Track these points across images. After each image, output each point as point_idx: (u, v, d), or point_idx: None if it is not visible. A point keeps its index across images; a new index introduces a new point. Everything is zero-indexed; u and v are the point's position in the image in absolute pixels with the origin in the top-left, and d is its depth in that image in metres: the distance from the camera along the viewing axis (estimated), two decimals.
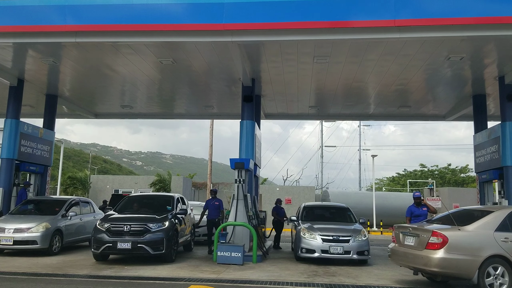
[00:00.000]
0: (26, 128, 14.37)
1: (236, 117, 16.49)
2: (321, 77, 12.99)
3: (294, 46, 10.60)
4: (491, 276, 7.30)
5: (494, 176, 13.11)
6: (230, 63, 11.68)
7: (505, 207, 8.80)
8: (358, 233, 11.13)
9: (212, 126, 32.25)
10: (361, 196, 32.37)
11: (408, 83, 13.33)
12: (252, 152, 13.06)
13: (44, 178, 15.60)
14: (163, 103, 17.10)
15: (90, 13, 9.41)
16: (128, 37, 9.63)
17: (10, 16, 9.60)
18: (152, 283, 7.97)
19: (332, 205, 15.03)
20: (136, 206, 11.76)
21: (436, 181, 42.36)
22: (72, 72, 13.05)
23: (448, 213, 8.54)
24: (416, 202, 10.87)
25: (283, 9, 9.10)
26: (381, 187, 54.75)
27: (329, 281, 8.61)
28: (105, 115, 19.16)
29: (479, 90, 13.96)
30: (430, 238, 7.55)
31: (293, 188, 35.52)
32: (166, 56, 11.35)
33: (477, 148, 14.33)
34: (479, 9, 8.73)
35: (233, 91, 14.68)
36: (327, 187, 44.00)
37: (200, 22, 9.30)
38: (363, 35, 9.17)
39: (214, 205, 12.76)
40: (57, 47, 10.85)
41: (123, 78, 13.64)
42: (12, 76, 13.46)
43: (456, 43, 10.00)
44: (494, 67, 11.69)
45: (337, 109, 16.99)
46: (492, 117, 15.92)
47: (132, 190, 32.88)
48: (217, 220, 12.53)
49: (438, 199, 28.54)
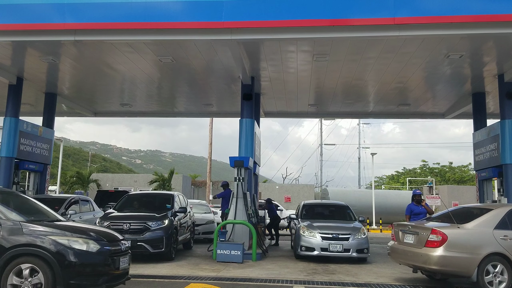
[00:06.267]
0: (26, 127, 14.35)
1: (235, 115, 16.49)
2: (320, 75, 12.99)
3: (294, 44, 10.60)
4: (490, 274, 7.31)
5: (493, 174, 13.12)
6: (230, 61, 11.67)
7: (504, 205, 8.82)
8: (357, 231, 11.14)
9: (211, 124, 32.27)
10: (360, 194, 32.39)
11: (407, 81, 13.33)
12: (251, 150, 13.06)
13: (44, 176, 15.59)
14: (162, 101, 17.09)
15: (89, 11, 9.39)
16: (127, 35, 9.61)
17: (9, 14, 9.57)
18: (151, 281, 7.97)
19: (331, 203, 15.08)
20: (135, 204, 11.77)
21: (435, 179, 42.42)
22: (71, 70, 13.03)
23: (447, 211, 8.56)
24: (416, 200, 10.88)
25: (283, 7, 9.08)
26: (380, 185, 54.82)
27: (328, 279, 8.63)
28: (104, 113, 19.15)
29: (478, 88, 13.96)
30: (429, 236, 7.56)
31: (292, 186, 35.55)
32: (165, 54, 11.34)
33: (477, 146, 14.34)
34: (478, 7, 8.72)
35: (232, 89, 14.68)
36: (326, 185, 44.04)
37: (199, 20, 9.28)
38: (362, 33, 9.17)
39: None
40: (56, 45, 10.83)
41: (122, 77, 13.63)
42: (11, 74, 13.43)
43: (455, 41, 10.01)
44: (494, 65, 11.69)
45: (337, 107, 16.99)
46: (492, 115, 15.91)
47: (132, 188, 32.87)
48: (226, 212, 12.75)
49: (438, 197, 28.59)
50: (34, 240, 5.72)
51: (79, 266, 5.73)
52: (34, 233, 5.80)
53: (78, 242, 5.85)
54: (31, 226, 5.89)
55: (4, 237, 5.73)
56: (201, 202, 19.08)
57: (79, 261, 5.73)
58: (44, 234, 5.80)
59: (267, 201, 16.50)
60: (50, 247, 5.68)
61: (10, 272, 5.61)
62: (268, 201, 16.46)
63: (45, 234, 5.80)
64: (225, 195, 14.04)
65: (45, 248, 5.66)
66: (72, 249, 5.74)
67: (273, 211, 16.05)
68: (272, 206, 16.27)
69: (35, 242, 5.70)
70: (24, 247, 5.68)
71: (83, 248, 5.83)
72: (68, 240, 5.82)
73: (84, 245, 5.86)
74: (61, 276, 5.59)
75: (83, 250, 5.82)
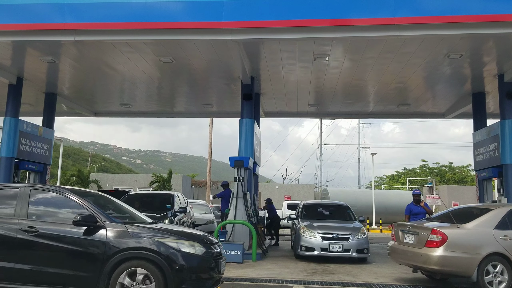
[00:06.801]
0: (26, 127, 14.35)
1: (235, 115, 16.49)
2: (320, 75, 12.99)
3: (294, 44, 10.60)
4: (490, 274, 7.31)
5: (493, 174, 13.12)
6: (230, 61, 11.67)
7: (504, 205, 8.82)
8: (357, 231, 11.14)
9: (211, 124, 32.27)
10: (360, 194, 32.41)
11: (407, 81, 13.33)
12: (251, 150, 13.06)
13: (44, 176, 15.59)
14: (162, 101, 17.09)
15: (90, 11, 9.39)
16: (127, 35, 9.61)
17: (9, 14, 9.57)
18: None
19: (331, 203, 15.09)
20: (136, 205, 11.76)
21: (435, 179, 42.43)
22: (71, 70, 13.03)
23: (447, 211, 8.56)
24: (415, 199, 10.88)
25: (283, 7, 9.08)
26: (380, 185, 54.83)
27: (328, 279, 8.63)
28: (104, 113, 19.15)
29: (478, 88, 13.96)
30: (429, 236, 7.56)
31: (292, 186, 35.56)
32: (165, 54, 11.34)
33: (477, 146, 14.34)
34: (478, 6, 8.71)
35: (232, 89, 14.68)
36: (326, 185, 44.05)
37: (199, 20, 9.28)
38: (362, 33, 9.16)
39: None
40: (56, 45, 10.83)
41: (122, 77, 13.63)
42: (11, 74, 13.43)
43: (455, 41, 10.00)
44: (494, 65, 11.69)
45: (337, 107, 16.99)
46: (492, 115, 15.92)
47: (132, 188, 32.88)
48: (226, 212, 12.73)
49: (438, 197, 28.60)
50: (143, 242, 5.52)
51: (189, 270, 5.51)
52: (140, 235, 5.60)
53: (185, 245, 5.64)
54: (136, 229, 5.71)
55: (111, 240, 5.53)
56: (201, 202, 19.11)
57: (188, 264, 5.51)
58: (151, 237, 5.58)
59: (267, 201, 16.54)
60: (161, 250, 5.46)
61: (119, 276, 5.41)
62: (268, 201, 16.50)
63: (152, 237, 5.58)
64: (225, 195, 14.06)
65: (155, 251, 5.45)
66: (181, 252, 5.53)
67: (273, 211, 16.11)
68: (272, 206, 16.31)
69: (145, 244, 5.50)
70: (134, 250, 5.49)
71: (191, 251, 5.63)
72: (176, 242, 5.60)
73: (191, 248, 5.66)
74: (172, 280, 5.37)
75: (192, 253, 5.62)
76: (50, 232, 5.65)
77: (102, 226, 5.60)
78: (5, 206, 6.01)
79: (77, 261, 5.58)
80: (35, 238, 5.61)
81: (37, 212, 5.93)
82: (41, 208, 6.00)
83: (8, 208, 5.96)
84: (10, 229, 5.70)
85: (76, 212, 5.71)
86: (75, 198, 5.93)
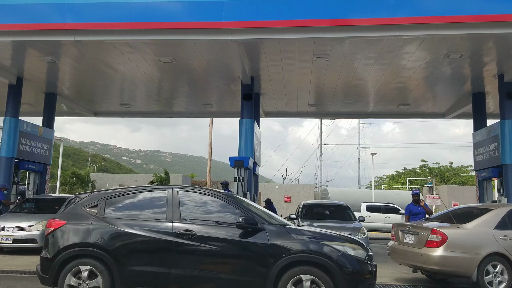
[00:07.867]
0: (26, 127, 14.36)
1: (235, 115, 16.49)
2: (320, 75, 12.99)
3: (294, 44, 10.60)
4: (490, 274, 7.31)
5: (493, 174, 13.13)
6: (230, 61, 11.67)
7: (504, 205, 8.83)
8: (357, 231, 11.11)
9: (211, 124, 32.24)
10: (360, 194, 32.39)
11: (407, 81, 13.33)
12: (251, 150, 13.06)
13: (44, 176, 15.60)
14: (162, 101, 17.09)
15: (89, 11, 9.39)
16: (127, 35, 9.62)
17: (9, 14, 9.57)
18: None
19: (331, 203, 15.05)
20: None
21: (435, 179, 42.43)
22: (71, 70, 13.03)
23: (447, 211, 8.56)
24: (414, 199, 10.87)
25: (282, 7, 9.08)
26: (380, 185, 54.84)
27: None
28: (104, 113, 19.17)
29: (478, 88, 13.96)
30: (429, 236, 7.56)
31: (292, 187, 35.54)
32: (165, 54, 11.34)
33: (476, 146, 14.34)
34: (478, 7, 8.71)
35: (232, 89, 14.68)
36: (326, 185, 44.03)
37: (199, 20, 9.28)
38: (362, 33, 9.17)
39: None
40: (56, 45, 10.83)
41: (122, 77, 13.63)
42: (11, 74, 13.44)
43: (455, 41, 10.01)
44: (494, 65, 11.69)
45: (337, 107, 17.00)
46: (492, 115, 15.93)
47: None
48: None
49: (438, 197, 28.59)
50: (309, 246, 5.28)
51: (357, 275, 5.27)
52: (303, 238, 5.34)
53: (350, 248, 5.39)
54: (296, 231, 5.44)
55: (274, 242, 5.27)
56: None
57: (355, 269, 5.25)
58: (315, 240, 5.33)
59: (266, 201, 16.46)
60: (331, 253, 5.20)
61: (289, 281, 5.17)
62: (268, 201, 16.43)
63: (316, 240, 5.33)
64: None
65: (324, 255, 5.20)
66: (349, 256, 5.29)
67: (272, 211, 16.03)
68: (272, 207, 16.24)
69: (312, 248, 5.25)
70: (301, 254, 5.23)
71: (357, 256, 5.39)
72: (343, 246, 5.36)
73: (356, 252, 5.42)
74: (344, 286, 5.12)
75: (358, 257, 5.38)
76: (209, 236, 5.37)
77: (261, 229, 5.35)
78: (155, 210, 5.72)
79: (241, 266, 5.32)
80: (193, 242, 5.34)
81: (189, 215, 5.61)
82: (193, 211, 5.71)
83: (159, 212, 5.67)
84: (166, 233, 5.41)
85: (230, 214, 5.51)
86: (227, 200, 5.71)
